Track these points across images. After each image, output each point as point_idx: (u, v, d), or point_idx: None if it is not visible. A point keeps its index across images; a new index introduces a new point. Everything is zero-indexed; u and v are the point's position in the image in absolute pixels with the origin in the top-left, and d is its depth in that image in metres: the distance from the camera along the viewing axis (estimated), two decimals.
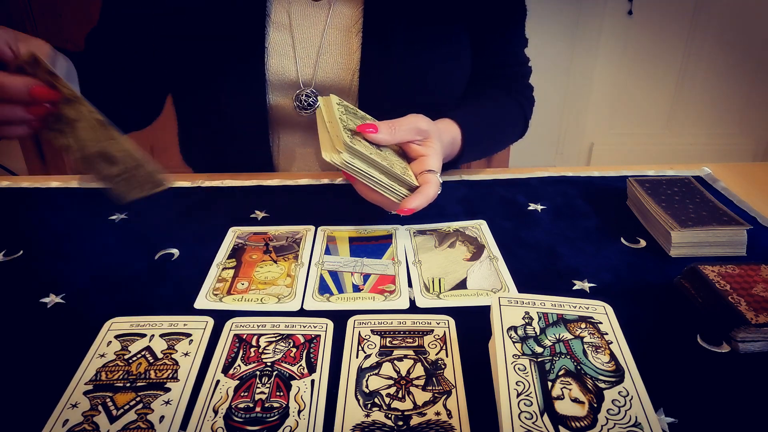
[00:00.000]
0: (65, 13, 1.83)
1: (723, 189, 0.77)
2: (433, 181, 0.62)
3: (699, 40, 2.33)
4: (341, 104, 0.66)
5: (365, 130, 0.60)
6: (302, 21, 0.76)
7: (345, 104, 0.66)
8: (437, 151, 0.64)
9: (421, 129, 0.64)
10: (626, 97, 2.46)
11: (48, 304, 0.56)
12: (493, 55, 0.84)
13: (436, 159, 0.63)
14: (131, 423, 0.43)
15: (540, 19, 2.25)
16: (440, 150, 0.65)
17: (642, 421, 0.40)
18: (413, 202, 0.60)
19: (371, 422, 0.42)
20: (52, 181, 0.80)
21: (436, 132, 0.66)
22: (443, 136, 0.69)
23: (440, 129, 0.69)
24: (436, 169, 0.63)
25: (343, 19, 0.76)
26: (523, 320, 0.47)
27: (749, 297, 0.52)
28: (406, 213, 0.60)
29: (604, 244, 0.65)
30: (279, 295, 0.57)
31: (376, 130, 0.61)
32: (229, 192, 0.77)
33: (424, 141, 0.64)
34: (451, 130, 0.73)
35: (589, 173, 0.82)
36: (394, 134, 0.62)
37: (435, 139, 0.65)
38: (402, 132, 0.62)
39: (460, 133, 0.73)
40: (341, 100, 0.67)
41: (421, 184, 0.61)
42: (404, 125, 0.63)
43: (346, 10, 0.76)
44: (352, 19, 0.76)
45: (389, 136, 0.62)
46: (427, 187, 0.61)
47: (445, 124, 0.73)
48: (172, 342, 0.50)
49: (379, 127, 0.61)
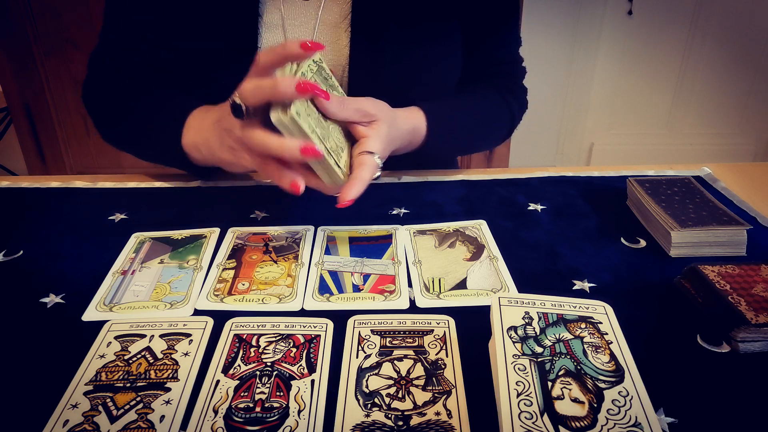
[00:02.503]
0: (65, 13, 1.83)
1: (723, 189, 0.77)
2: (368, 162, 0.59)
3: (699, 40, 2.33)
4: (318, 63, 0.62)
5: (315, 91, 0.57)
6: (294, 20, 0.76)
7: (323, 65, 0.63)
8: (381, 135, 0.62)
9: (369, 112, 0.62)
10: (626, 97, 2.46)
11: (48, 304, 0.56)
12: (485, 54, 0.84)
13: (377, 141, 0.61)
14: (131, 423, 0.43)
15: (540, 19, 2.25)
16: (386, 134, 0.63)
17: (642, 421, 0.40)
18: (350, 192, 0.57)
19: (371, 422, 0.42)
20: (52, 181, 0.80)
21: (388, 117, 0.64)
22: (399, 122, 0.68)
23: (397, 116, 0.67)
24: (375, 150, 0.60)
25: (332, 16, 0.76)
26: (523, 320, 0.47)
27: (749, 297, 0.52)
28: (346, 205, 0.57)
29: (604, 244, 0.65)
30: (280, 296, 0.57)
31: (326, 97, 0.58)
32: (229, 192, 0.77)
33: (370, 123, 0.62)
34: (414, 118, 0.72)
35: (589, 173, 0.82)
36: (342, 108, 0.60)
37: (382, 123, 0.63)
38: (349, 110, 0.60)
39: (425, 122, 0.72)
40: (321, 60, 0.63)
41: (355, 167, 0.59)
42: (354, 104, 0.61)
43: (335, 7, 0.76)
44: (340, 15, 0.76)
45: (337, 109, 0.59)
46: (360, 170, 0.58)
47: (408, 112, 0.72)
48: (172, 342, 0.50)
49: (331, 98, 0.59)
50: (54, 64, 1.90)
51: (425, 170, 0.83)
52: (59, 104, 1.97)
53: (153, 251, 0.64)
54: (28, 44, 1.86)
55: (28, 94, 1.94)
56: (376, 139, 0.61)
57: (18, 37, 1.85)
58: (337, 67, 0.77)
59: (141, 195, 0.76)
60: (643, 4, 2.27)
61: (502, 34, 0.85)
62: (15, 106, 1.97)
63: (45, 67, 1.91)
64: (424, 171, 0.83)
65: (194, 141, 0.67)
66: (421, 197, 0.75)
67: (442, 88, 0.82)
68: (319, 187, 0.60)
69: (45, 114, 1.97)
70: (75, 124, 2.00)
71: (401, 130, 0.68)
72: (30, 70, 1.90)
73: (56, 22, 1.84)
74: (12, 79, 1.92)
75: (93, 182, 0.79)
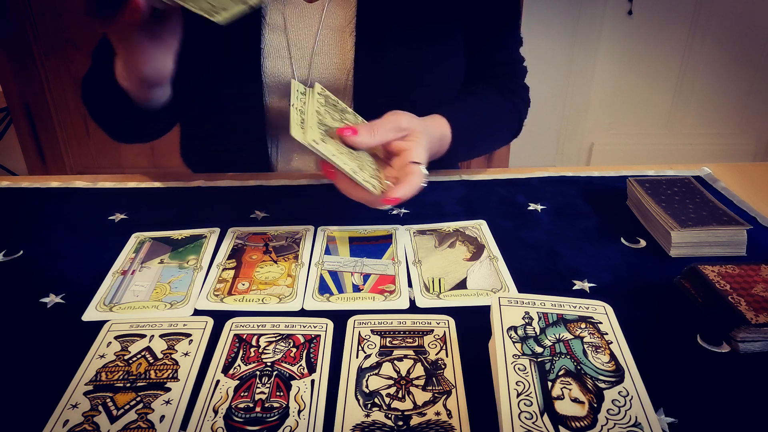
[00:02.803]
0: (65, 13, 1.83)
1: (723, 189, 0.77)
2: (417, 171, 0.60)
3: (699, 40, 2.33)
4: (322, 94, 0.63)
5: (344, 134, 0.59)
6: (297, 22, 0.76)
7: (327, 94, 0.64)
8: (422, 144, 0.63)
9: (402, 126, 0.62)
10: (626, 97, 2.46)
11: (48, 304, 0.56)
12: (487, 55, 0.84)
13: (420, 151, 0.62)
14: (131, 423, 0.43)
15: (540, 19, 2.25)
16: (426, 143, 0.64)
17: (642, 421, 0.40)
18: (398, 191, 0.58)
19: (371, 422, 0.42)
20: (52, 181, 0.80)
21: (422, 127, 0.64)
22: (430, 131, 0.68)
23: (427, 125, 0.68)
24: (420, 160, 0.61)
25: (336, 20, 0.76)
26: (523, 320, 0.47)
27: (749, 297, 0.52)
28: (392, 203, 0.58)
29: (604, 244, 0.65)
30: (280, 296, 0.57)
31: (355, 133, 0.59)
32: (229, 192, 0.77)
33: (407, 136, 0.63)
34: (440, 126, 0.72)
35: (589, 173, 0.82)
36: (374, 136, 0.60)
37: (420, 133, 0.63)
38: (382, 132, 0.61)
39: (450, 130, 0.73)
40: (323, 90, 0.64)
41: (405, 175, 0.59)
42: (384, 125, 0.61)
43: (339, 11, 0.76)
44: (345, 19, 0.76)
45: (369, 138, 0.60)
46: (411, 177, 0.59)
47: (434, 120, 0.72)
48: (172, 342, 0.50)
49: (359, 130, 0.59)
50: (54, 64, 1.90)
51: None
52: (59, 104, 1.97)
53: (153, 251, 0.64)
54: (28, 44, 1.87)
55: (28, 94, 1.94)
56: (418, 149, 0.62)
57: (18, 37, 1.85)
58: (341, 71, 0.77)
59: (141, 195, 0.76)
60: (643, 4, 2.27)
61: (504, 35, 0.85)
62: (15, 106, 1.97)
63: (45, 67, 1.91)
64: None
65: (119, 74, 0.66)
66: (421, 197, 0.75)
67: (446, 90, 0.82)
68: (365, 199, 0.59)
69: (45, 114, 1.97)
70: (75, 124, 2.00)
71: (433, 138, 0.69)
72: (30, 70, 1.90)
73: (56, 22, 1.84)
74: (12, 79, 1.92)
75: (93, 182, 0.79)
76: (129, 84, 0.66)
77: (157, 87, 0.67)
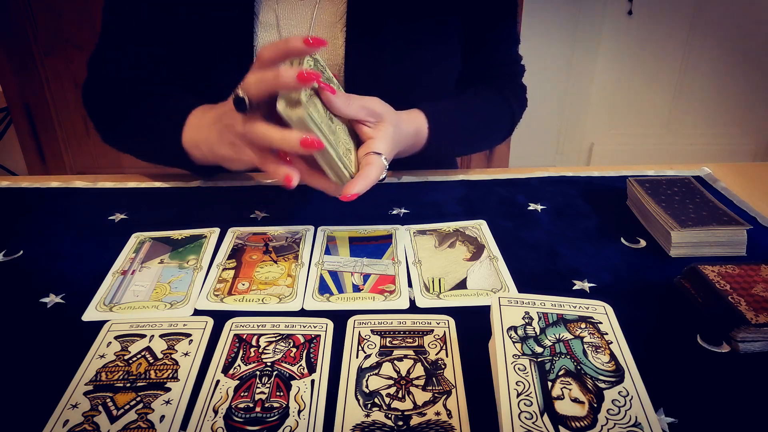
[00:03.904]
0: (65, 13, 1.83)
1: (723, 189, 0.77)
2: (376, 162, 0.59)
3: (699, 40, 2.33)
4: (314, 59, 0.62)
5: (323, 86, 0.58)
6: (289, 19, 0.76)
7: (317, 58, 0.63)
8: (388, 136, 0.62)
9: (375, 111, 0.62)
10: (626, 97, 2.46)
11: (48, 304, 0.56)
12: (485, 55, 0.84)
13: (384, 143, 0.61)
14: (131, 423, 0.43)
15: (540, 19, 2.25)
16: (392, 136, 0.63)
17: (642, 421, 0.40)
18: (355, 186, 0.57)
19: (371, 422, 0.42)
20: (52, 181, 0.80)
21: (393, 119, 0.64)
22: (403, 125, 0.68)
23: (401, 118, 0.67)
24: (382, 152, 0.60)
25: (327, 15, 0.76)
26: (523, 320, 0.47)
27: (749, 297, 0.52)
28: (349, 199, 0.57)
29: (604, 244, 0.65)
30: (280, 296, 0.57)
31: (333, 92, 0.58)
32: (229, 192, 0.77)
33: (375, 124, 0.62)
34: (416, 120, 0.72)
35: (589, 173, 0.82)
36: (348, 105, 0.60)
37: (389, 124, 0.63)
38: (356, 107, 0.60)
39: (427, 124, 0.72)
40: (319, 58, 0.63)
41: (363, 166, 0.59)
42: (360, 101, 0.61)
43: (330, 6, 0.76)
44: (336, 14, 0.76)
45: (344, 105, 0.59)
46: (367, 169, 0.58)
47: (410, 114, 0.72)
48: (172, 342, 0.50)
49: (337, 93, 0.59)
50: (54, 64, 1.90)
51: (425, 170, 0.83)
52: (59, 104, 1.97)
53: (153, 251, 0.64)
54: (28, 44, 1.86)
55: (28, 94, 1.94)
56: (382, 140, 0.61)
57: (18, 37, 1.85)
58: (333, 66, 0.77)
59: (141, 195, 0.76)
60: (643, 4, 2.27)
61: (501, 35, 0.85)
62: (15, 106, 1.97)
63: (45, 67, 1.91)
64: (424, 171, 0.83)
65: (194, 139, 0.67)
66: (421, 197, 0.75)
67: (439, 88, 0.82)
68: (324, 187, 0.60)
69: (45, 114, 1.97)
70: (75, 124, 2.00)
71: (405, 133, 0.69)
72: (30, 70, 1.90)
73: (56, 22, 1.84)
74: (12, 79, 1.92)
75: (93, 182, 0.79)
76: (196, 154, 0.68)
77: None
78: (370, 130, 0.62)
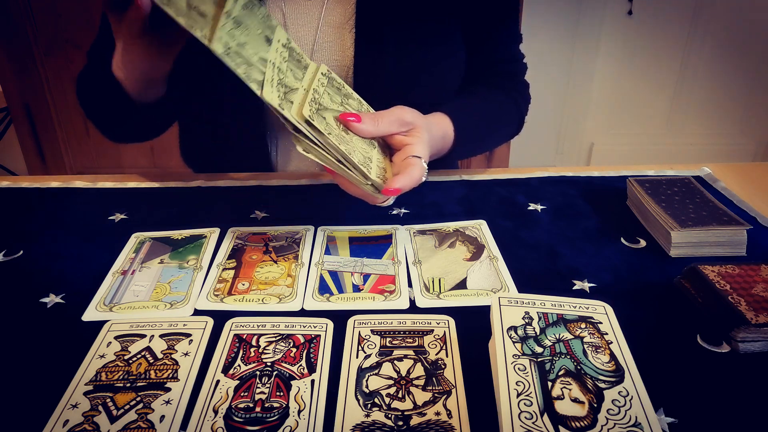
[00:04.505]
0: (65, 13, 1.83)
1: (723, 189, 0.77)
2: (418, 164, 0.59)
3: (699, 40, 2.33)
4: (327, 75, 0.62)
5: (346, 119, 0.58)
6: (296, 19, 0.76)
7: (332, 76, 0.63)
8: (423, 140, 0.62)
9: (406, 120, 0.62)
10: (626, 97, 2.46)
11: (48, 304, 0.56)
12: (487, 53, 0.84)
13: (421, 147, 0.61)
14: (131, 423, 0.43)
15: (540, 19, 2.25)
16: (427, 140, 0.63)
17: (642, 421, 0.40)
18: (398, 182, 0.57)
19: (371, 422, 0.42)
20: (52, 181, 0.80)
21: (425, 124, 0.64)
22: (433, 128, 0.68)
23: (430, 122, 0.68)
24: (422, 155, 0.61)
25: (336, 16, 0.76)
26: (523, 320, 0.47)
27: (749, 297, 0.52)
28: (393, 194, 0.57)
29: (604, 244, 0.65)
30: (280, 296, 0.57)
31: (358, 120, 0.58)
32: (229, 192, 0.77)
33: (409, 131, 0.62)
34: (443, 124, 0.72)
35: (589, 173, 0.82)
36: (377, 126, 0.60)
37: (422, 129, 0.63)
38: (386, 124, 0.60)
39: (452, 128, 0.73)
40: (329, 71, 0.63)
41: (405, 167, 0.59)
42: (388, 116, 0.61)
43: (338, 7, 0.76)
44: (345, 15, 0.76)
45: (372, 128, 0.59)
46: (410, 169, 0.58)
47: (437, 118, 0.72)
48: (172, 342, 0.50)
49: (363, 118, 0.59)
50: (54, 64, 1.90)
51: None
52: (59, 104, 1.97)
53: (153, 251, 0.64)
54: (28, 44, 1.87)
55: (28, 94, 1.95)
56: (420, 144, 0.61)
57: (18, 37, 1.85)
58: (341, 68, 0.77)
59: (141, 195, 0.76)
60: (643, 4, 2.27)
61: (503, 33, 0.85)
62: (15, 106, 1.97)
63: (45, 67, 1.91)
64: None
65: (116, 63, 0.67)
66: (421, 197, 0.75)
67: (445, 89, 0.82)
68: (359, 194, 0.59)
69: (45, 114, 1.98)
70: (75, 124, 2.00)
71: (435, 136, 0.69)
72: (30, 70, 1.91)
73: (56, 22, 1.84)
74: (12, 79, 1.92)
75: (93, 182, 0.79)
76: (123, 75, 0.67)
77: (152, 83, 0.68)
78: (405, 138, 0.62)
